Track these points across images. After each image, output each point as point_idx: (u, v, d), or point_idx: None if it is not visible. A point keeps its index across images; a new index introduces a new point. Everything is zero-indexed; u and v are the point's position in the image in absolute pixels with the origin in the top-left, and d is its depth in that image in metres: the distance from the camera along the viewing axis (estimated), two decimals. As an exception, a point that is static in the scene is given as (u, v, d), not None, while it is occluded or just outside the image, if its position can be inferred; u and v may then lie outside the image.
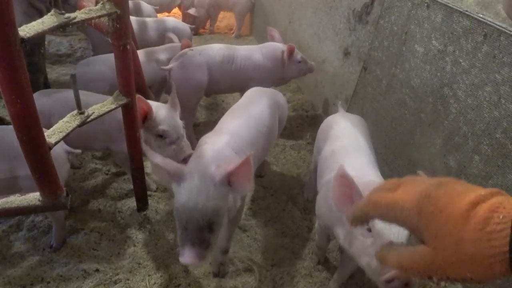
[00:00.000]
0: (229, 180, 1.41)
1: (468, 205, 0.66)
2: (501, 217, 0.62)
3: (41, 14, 2.41)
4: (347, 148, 1.88)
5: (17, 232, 2.06)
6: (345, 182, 1.35)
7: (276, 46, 3.03)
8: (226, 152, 1.62)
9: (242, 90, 2.82)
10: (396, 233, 1.28)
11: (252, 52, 2.95)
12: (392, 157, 2.43)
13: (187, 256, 1.33)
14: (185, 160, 1.95)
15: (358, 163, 1.72)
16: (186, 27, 3.72)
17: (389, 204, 0.77)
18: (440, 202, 0.70)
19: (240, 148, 1.71)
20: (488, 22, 1.69)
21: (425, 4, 2.03)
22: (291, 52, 2.93)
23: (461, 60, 1.84)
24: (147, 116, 1.94)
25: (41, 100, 1.99)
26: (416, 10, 2.10)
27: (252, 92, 2.28)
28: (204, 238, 1.35)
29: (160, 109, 2.00)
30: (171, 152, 1.98)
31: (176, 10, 5.62)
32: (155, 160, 1.40)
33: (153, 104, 1.99)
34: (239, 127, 1.83)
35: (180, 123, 2.05)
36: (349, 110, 2.74)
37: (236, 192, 1.47)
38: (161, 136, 1.97)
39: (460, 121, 1.87)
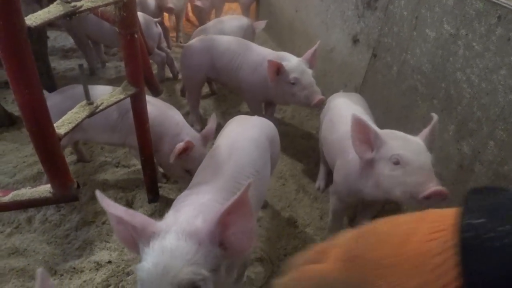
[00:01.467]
0: (220, 239, 1.03)
1: (396, 248, 0.58)
2: (441, 244, 0.53)
3: (39, 1, 2.40)
4: (347, 116, 1.83)
5: (29, 226, 2.07)
6: (361, 127, 1.54)
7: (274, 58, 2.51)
8: (212, 206, 1.24)
9: (239, 91, 2.86)
10: (423, 159, 1.46)
11: (256, 57, 2.69)
12: (403, 145, 2.40)
13: None
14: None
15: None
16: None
17: (320, 279, 0.67)
18: (366, 258, 0.61)
19: None
20: (502, 4, 1.65)
21: (436, -13, 1.99)
22: (274, 68, 2.39)
23: (474, 44, 1.80)
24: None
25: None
26: (427, -6, 2.06)
27: (236, 127, 1.81)
28: None
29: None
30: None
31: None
32: (117, 212, 1.00)
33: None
34: (223, 181, 1.43)
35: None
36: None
37: (231, 255, 1.06)
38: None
39: (474, 106, 1.84)
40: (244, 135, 1.70)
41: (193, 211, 1.14)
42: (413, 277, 0.54)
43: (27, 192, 1.36)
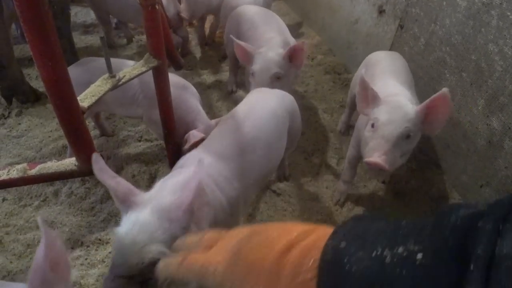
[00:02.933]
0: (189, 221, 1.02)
1: (278, 255, 0.58)
2: (311, 262, 0.54)
3: None
4: (384, 71, 2.00)
5: (56, 199, 2.12)
6: (365, 86, 1.64)
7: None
8: (206, 177, 1.26)
9: None
10: (390, 129, 1.50)
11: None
12: (429, 119, 2.33)
13: None
14: None
15: (392, 84, 1.85)
16: None
17: (201, 268, 0.67)
18: (249, 259, 0.61)
19: (224, 179, 1.37)
20: (541, -31, 1.55)
21: (469, -47, 1.89)
22: (242, 52, 2.21)
23: (508, 13, 1.71)
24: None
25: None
26: (459, -39, 1.96)
27: (256, 96, 1.83)
28: None
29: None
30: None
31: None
32: (104, 178, 1.05)
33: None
34: (228, 150, 1.45)
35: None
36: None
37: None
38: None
39: (506, 80, 1.76)
40: (263, 105, 1.70)
41: (176, 185, 1.17)
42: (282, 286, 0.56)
43: (53, 165, 1.37)
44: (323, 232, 0.59)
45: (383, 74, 1.96)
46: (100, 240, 1.89)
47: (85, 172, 1.33)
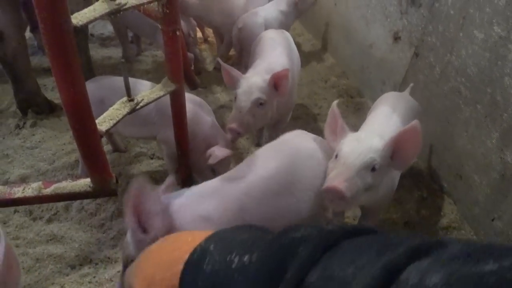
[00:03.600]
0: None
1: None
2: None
3: None
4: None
5: (66, 213, 2.13)
6: (334, 118, 1.63)
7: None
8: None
9: None
10: (352, 160, 1.38)
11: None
12: (441, 148, 2.32)
13: None
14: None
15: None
16: None
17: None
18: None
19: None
20: (561, 8, 1.55)
21: (487, -13, 1.89)
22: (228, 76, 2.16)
23: (526, 48, 1.71)
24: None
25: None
26: (477, -7, 1.97)
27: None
28: None
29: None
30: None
31: None
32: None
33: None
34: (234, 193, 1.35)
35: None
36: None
37: None
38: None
39: (522, 114, 1.75)
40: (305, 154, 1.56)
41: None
42: None
43: (67, 186, 1.39)
44: (195, 236, 0.68)
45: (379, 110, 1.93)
46: (109, 258, 1.89)
47: (99, 193, 1.35)
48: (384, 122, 1.81)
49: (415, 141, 1.41)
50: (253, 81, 2.03)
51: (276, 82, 2.01)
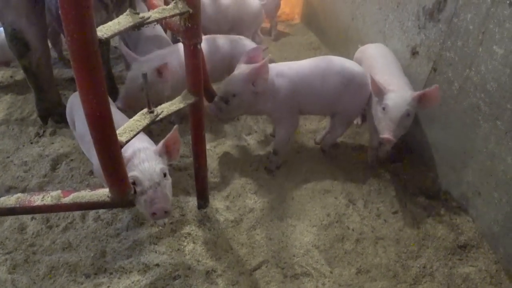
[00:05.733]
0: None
1: None
2: None
3: (106, 8, 2.46)
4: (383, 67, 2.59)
5: (83, 222, 2.15)
6: (375, 82, 2.26)
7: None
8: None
9: None
10: (395, 113, 2.15)
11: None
12: (460, 165, 2.29)
13: None
14: None
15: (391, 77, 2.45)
16: None
17: None
18: None
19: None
20: None
21: (507, 2, 1.88)
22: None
23: (548, 65, 1.69)
24: None
25: None
26: (496, 8, 1.95)
27: None
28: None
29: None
30: None
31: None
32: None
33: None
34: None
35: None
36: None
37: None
38: None
39: (544, 131, 1.72)
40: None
41: None
42: None
43: (86, 195, 1.41)
44: None
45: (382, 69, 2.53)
46: (123, 268, 1.90)
47: (117, 204, 1.36)
48: (399, 75, 2.49)
49: (436, 98, 2.15)
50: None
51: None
